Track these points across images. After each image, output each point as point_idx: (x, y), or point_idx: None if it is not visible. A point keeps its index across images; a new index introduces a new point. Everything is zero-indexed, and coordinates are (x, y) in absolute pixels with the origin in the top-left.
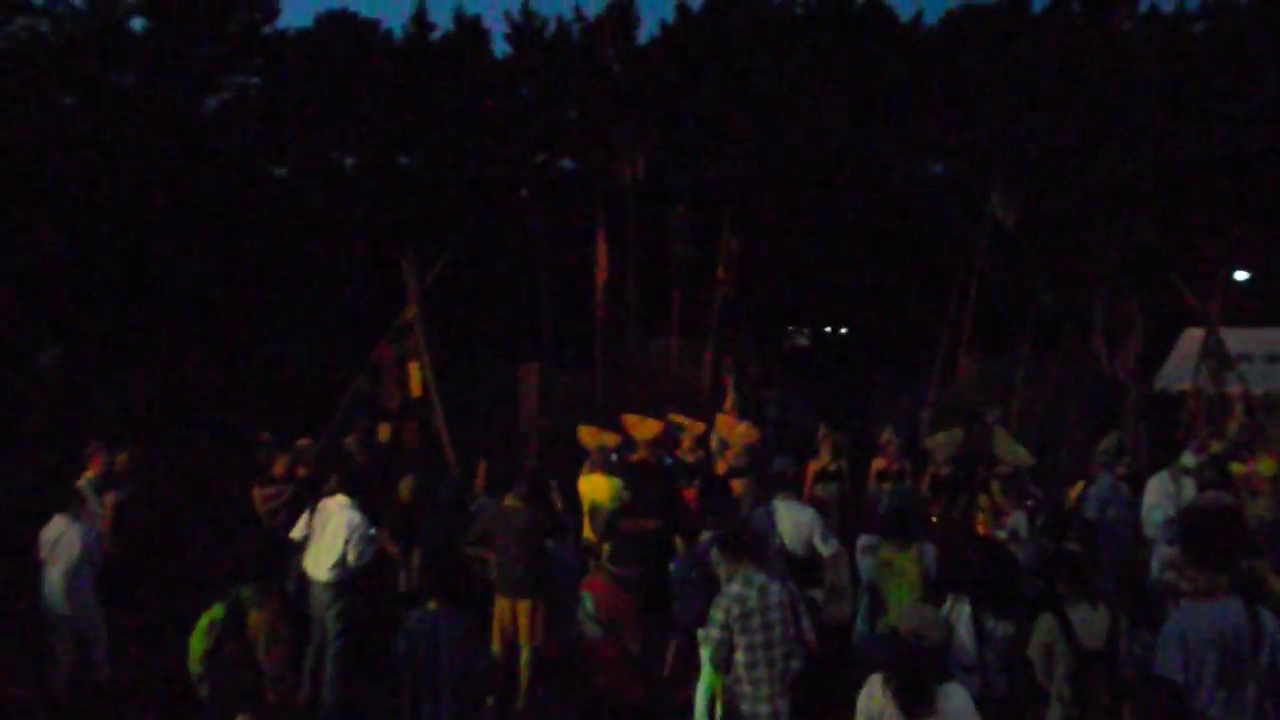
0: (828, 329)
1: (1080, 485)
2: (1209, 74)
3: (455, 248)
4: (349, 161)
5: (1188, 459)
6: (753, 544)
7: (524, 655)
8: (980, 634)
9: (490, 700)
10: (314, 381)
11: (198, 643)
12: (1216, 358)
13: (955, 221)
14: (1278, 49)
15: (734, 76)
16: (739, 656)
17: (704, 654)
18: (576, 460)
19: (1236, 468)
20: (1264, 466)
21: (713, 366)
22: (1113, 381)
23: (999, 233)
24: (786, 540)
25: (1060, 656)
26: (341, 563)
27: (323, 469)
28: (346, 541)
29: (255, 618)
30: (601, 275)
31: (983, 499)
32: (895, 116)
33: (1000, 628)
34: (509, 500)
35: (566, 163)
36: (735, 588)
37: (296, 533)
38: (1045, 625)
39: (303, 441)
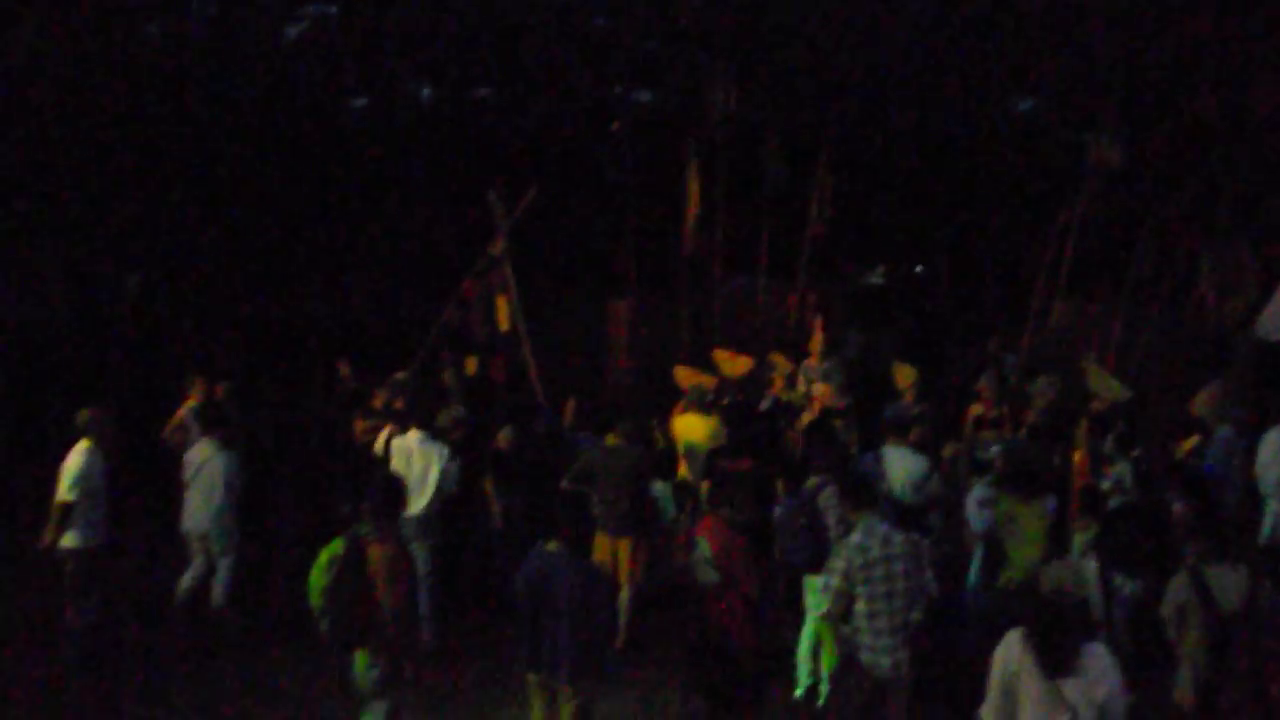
0: (902, 268)
1: (1194, 439)
2: None
3: (544, 181)
4: (426, 92)
5: None
6: (873, 490)
7: (624, 593)
8: (1107, 592)
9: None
10: (399, 317)
11: (318, 578)
12: None
13: (1050, 160)
14: None
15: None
16: (860, 607)
17: (808, 601)
18: (667, 398)
19: None
20: None
21: (799, 305)
22: (1219, 331)
23: (1103, 173)
24: (896, 488)
25: (1195, 619)
26: (429, 497)
27: (419, 402)
28: (430, 475)
29: (375, 553)
30: (692, 211)
31: (1079, 449)
32: (986, 51)
33: (1128, 586)
34: (611, 439)
35: (645, 95)
36: (857, 537)
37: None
38: (1179, 585)
39: (399, 375)
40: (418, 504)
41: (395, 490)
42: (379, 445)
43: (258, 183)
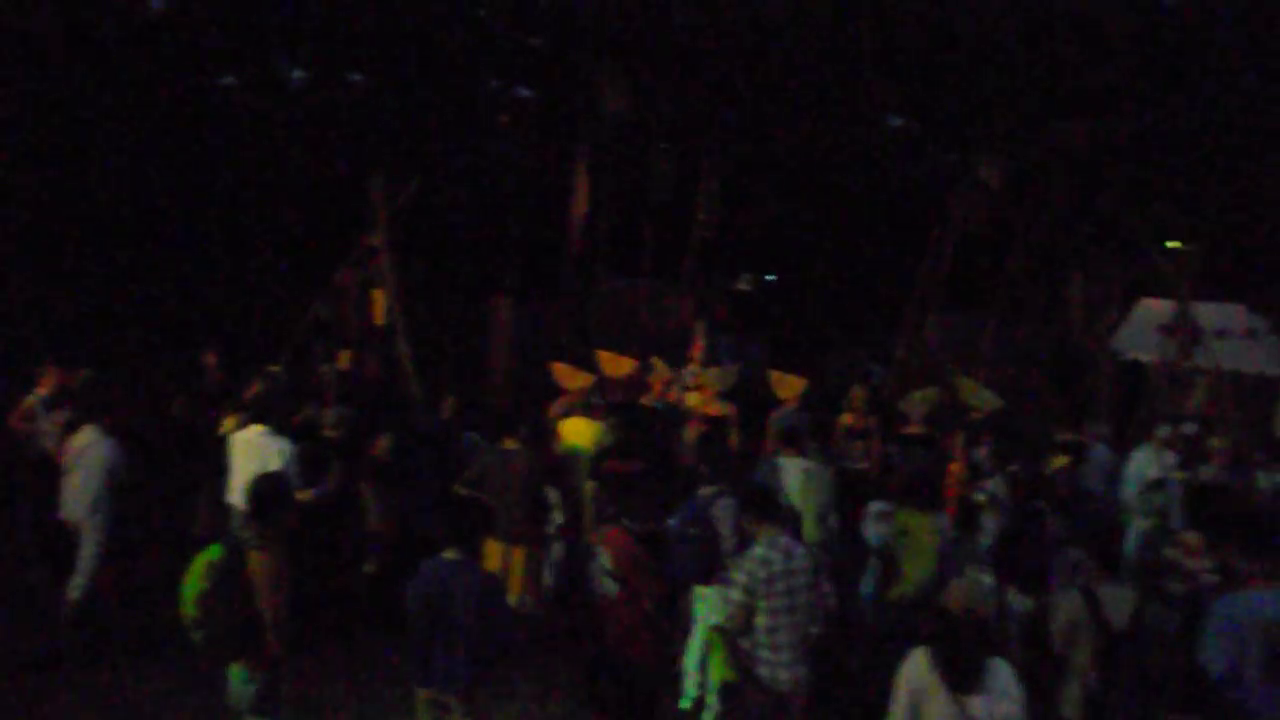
0: (769, 276)
1: (1064, 459)
2: (1179, 43)
3: (426, 172)
4: (296, 74)
5: (1162, 431)
6: (776, 503)
7: (515, 601)
8: (1002, 609)
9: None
10: (269, 306)
11: (193, 584)
12: (1186, 332)
13: (922, 176)
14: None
15: (709, 12)
16: (760, 621)
17: (697, 611)
18: (544, 397)
19: (1216, 443)
20: (1221, 443)
21: (682, 309)
22: (1081, 350)
23: (982, 192)
24: (791, 499)
25: (1086, 636)
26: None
27: (272, 395)
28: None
29: (256, 560)
30: (579, 210)
31: (955, 461)
32: (868, 68)
33: (1021, 603)
34: (508, 443)
35: (524, 91)
36: (760, 550)
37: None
38: (1072, 603)
39: (272, 367)
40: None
41: (278, 492)
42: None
43: (120, 159)
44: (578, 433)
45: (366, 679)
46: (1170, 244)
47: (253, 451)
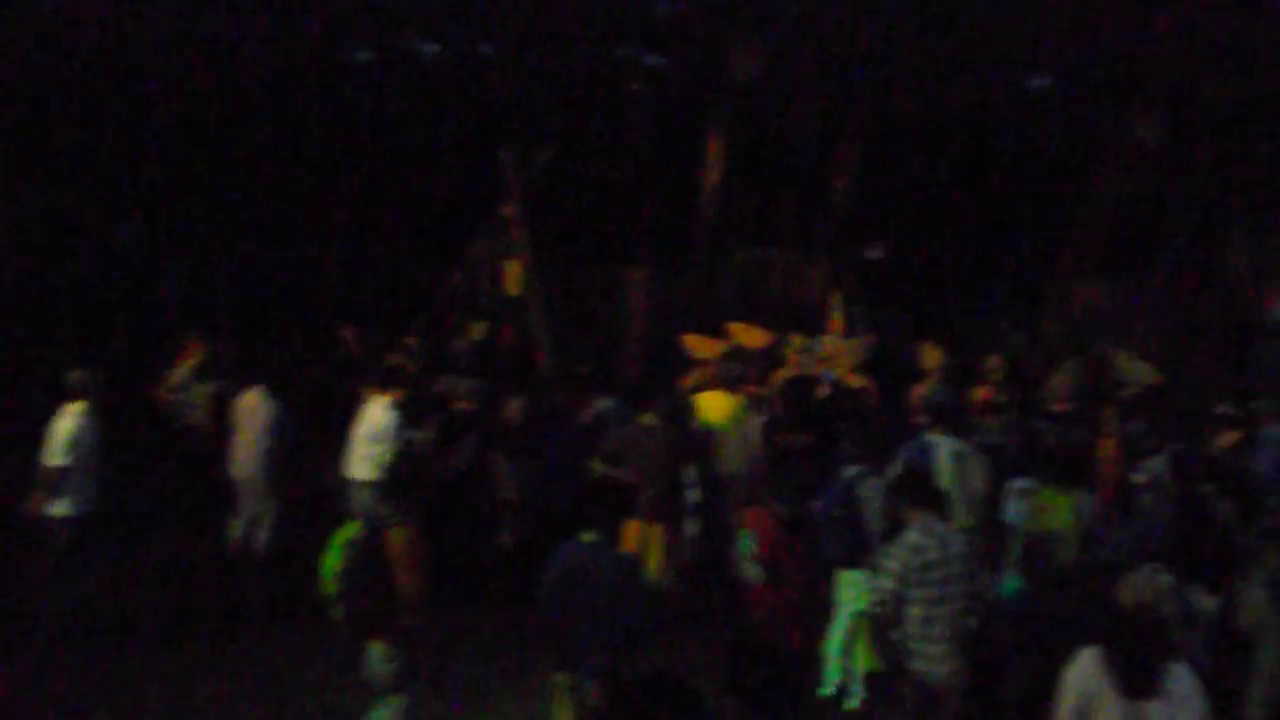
0: (905, 243)
1: (1235, 435)
2: None
3: (558, 143)
4: (428, 48)
5: None
6: (935, 488)
7: (653, 580)
8: (1185, 610)
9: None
10: (405, 279)
11: (332, 560)
12: None
13: (1068, 138)
14: None
15: None
16: (914, 611)
17: (842, 596)
18: (680, 371)
19: None
20: None
21: (818, 280)
22: (1249, 318)
23: (1136, 151)
24: (944, 481)
25: (1272, 634)
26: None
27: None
28: (379, 441)
29: (395, 536)
30: (712, 179)
31: (1109, 438)
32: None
33: (1206, 603)
34: (646, 418)
35: (657, 59)
36: (914, 537)
37: None
38: (1255, 599)
39: (409, 339)
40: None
41: (413, 468)
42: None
43: (257, 134)
44: (715, 407)
45: (505, 658)
46: None
47: (372, 424)
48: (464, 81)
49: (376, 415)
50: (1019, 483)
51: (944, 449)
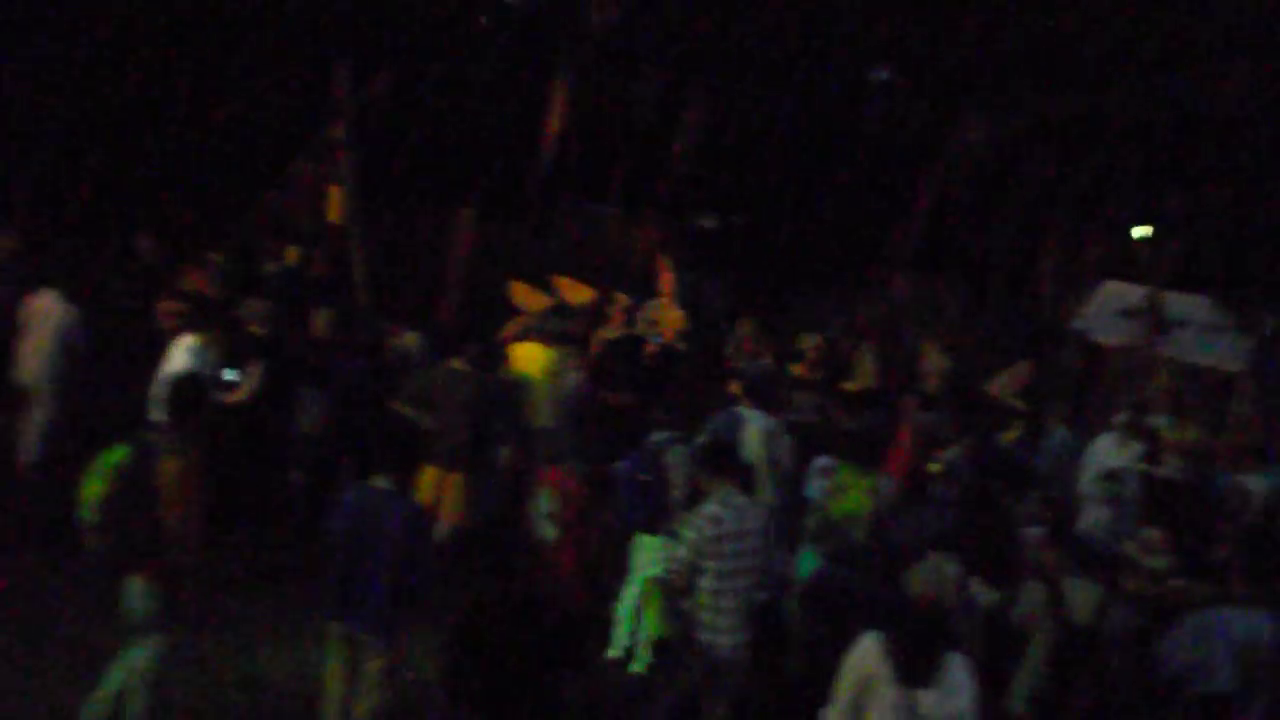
0: (735, 217)
1: (1015, 430)
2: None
3: (398, 69)
4: None
5: (1122, 418)
6: (736, 460)
7: (442, 530)
8: (964, 600)
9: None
10: (220, 193)
11: (94, 486)
12: (1154, 319)
13: (907, 134)
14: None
15: None
16: (705, 583)
17: (637, 560)
18: (502, 320)
19: (1170, 435)
20: (1188, 434)
21: (649, 243)
22: (1051, 326)
23: (964, 152)
24: (750, 453)
25: (1044, 630)
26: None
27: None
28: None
29: (167, 465)
30: (552, 127)
31: (908, 426)
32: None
33: (984, 595)
34: (456, 363)
35: None
36: (712, 508)
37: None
38: (1032, 596)
39: (215, 256)
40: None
41: (193, 393)
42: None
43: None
44: (531, 359)
45: (279, 599)
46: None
47: (174, 367)
48: None
49: (180, 359)
50: (821, 460)
51: (754, 423)
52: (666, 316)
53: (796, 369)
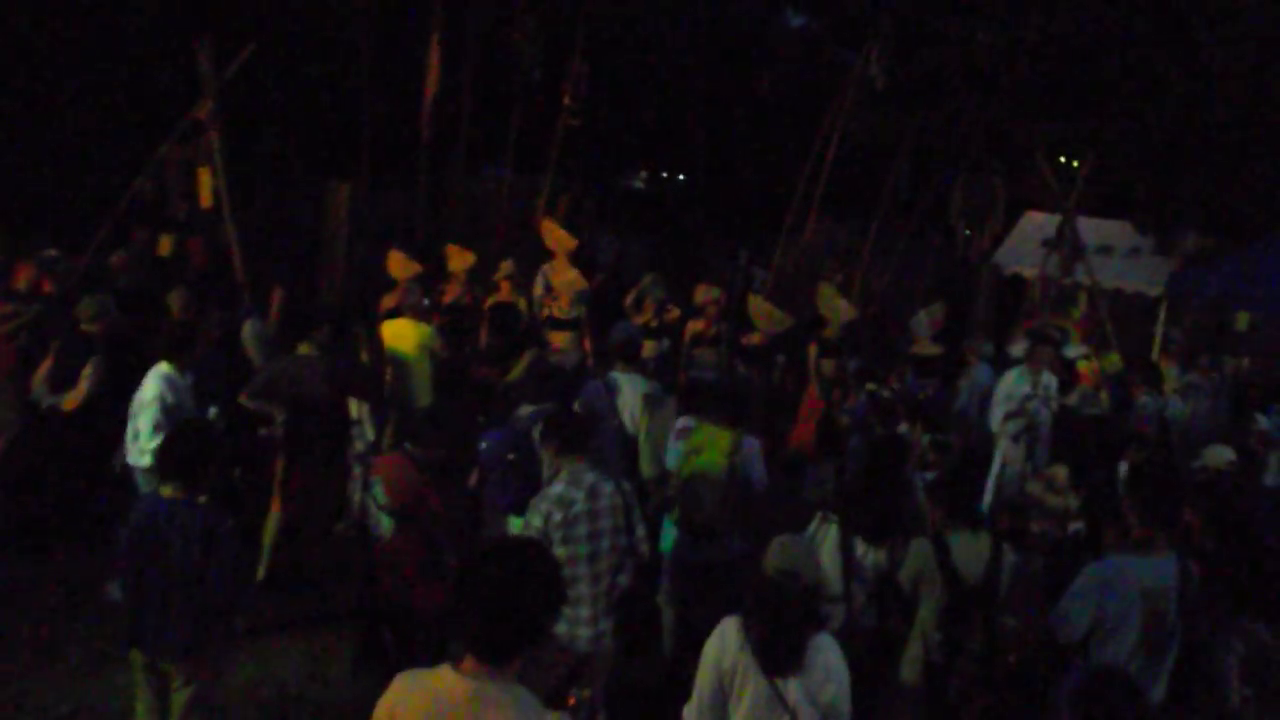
0: (664, 174)
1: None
2: None
3: (264, 40)
4: None
5: (1017, 349)
6: (584, 432)
7: (275, 519)
8: (848, 563)
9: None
10: (81, 183)
11: None
12: (1069, 247)
13: (815, 77)
14: None
15: None
16: None
17: None
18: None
19: (1084, 365)
20: (1108, 363)
21: (547, 203)
22: (964, 261)
23: (866, 93)
24: (627, 421)
25: (931, 589)
26: None
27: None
28: None
29: None
30: (431, 89)
31: (815, 374)
32: None
33: (871, 555)
34: (304, 347)
35: None
36: (559, 488)
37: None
38: (919, 552)
39: (50, 252)
40: None
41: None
42: None
43: None
44: (401, 335)
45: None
46: (1059, 159)
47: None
48: None
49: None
50: (680, 421)
51: (630, 388)
52: (561, 280)
53: (695, 324)
